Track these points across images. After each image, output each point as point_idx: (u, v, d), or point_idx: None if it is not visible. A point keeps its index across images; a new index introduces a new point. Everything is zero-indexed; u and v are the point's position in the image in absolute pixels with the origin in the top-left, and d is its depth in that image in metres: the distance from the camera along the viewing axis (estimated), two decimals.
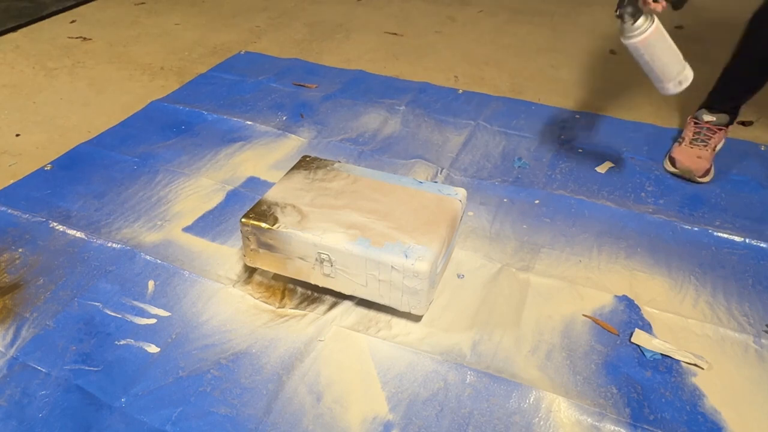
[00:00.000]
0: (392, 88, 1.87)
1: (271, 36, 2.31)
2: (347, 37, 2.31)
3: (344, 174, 1.16)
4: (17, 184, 1.40)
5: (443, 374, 0.96)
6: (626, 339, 1.03)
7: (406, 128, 1.65)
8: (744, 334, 1.03)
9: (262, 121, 1.67)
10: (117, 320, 1.05)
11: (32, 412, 0.90)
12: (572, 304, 1.10)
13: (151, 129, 1.63)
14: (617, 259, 1.20)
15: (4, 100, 1.82)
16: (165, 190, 1.39)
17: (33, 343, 1.00)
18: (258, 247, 1.06)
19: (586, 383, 0.95)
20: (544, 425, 0.89)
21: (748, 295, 1.12)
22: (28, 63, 2.05)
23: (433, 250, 0.98)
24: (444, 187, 1.13)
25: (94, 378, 0.95)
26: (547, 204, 1.35)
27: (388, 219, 1.04)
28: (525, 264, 1.18)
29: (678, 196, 1.38)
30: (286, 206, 1.07)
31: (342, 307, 1.08)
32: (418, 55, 2.15)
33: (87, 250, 1.20)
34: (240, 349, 1.00)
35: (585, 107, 1.76)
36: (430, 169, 1.47)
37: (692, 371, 0.97)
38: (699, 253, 1.22)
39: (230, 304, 1.08)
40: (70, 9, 2.53)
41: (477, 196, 1.37)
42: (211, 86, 1.87)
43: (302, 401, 0.92)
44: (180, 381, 0.94)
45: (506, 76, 1.96)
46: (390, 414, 0.90)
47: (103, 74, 1.98)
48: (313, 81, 1.92)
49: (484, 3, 2.64)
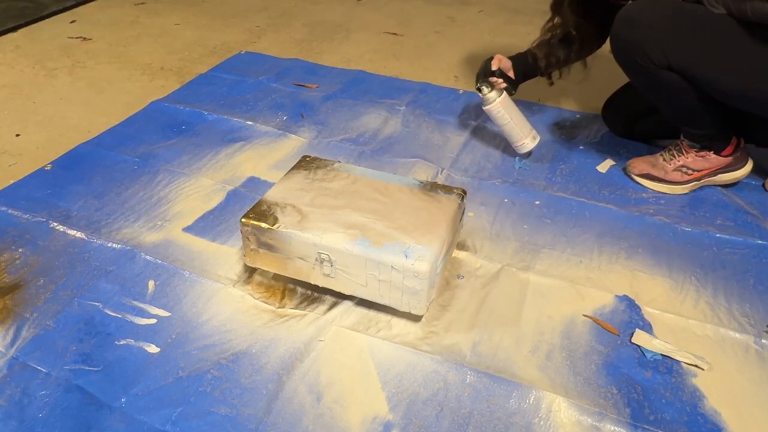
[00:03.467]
0: (392, 88, 1.87)
1: (271, 36, 2.31)
2: (347, 37, 2.31)
3: (344, 174, 1.16)
4: (17, 184, 1.40)
5: (443, 374, 0.96)
6: (627, 339, 1.03)
7: (406, 128, 1.65)
8: (745, 334, 1.03)
9: (262, 121, 1.67)
10: (117, 320, 1.05)
11: (32, 412, 0.90)
12: (573, 304, 1.09)
13: (152, 129, 1.63)
14: (618, 259, 1.20)
15: (4, 100, 1.82)
16: (165, 190, 1.39)
17: (33, 343, 1.00)
18: (258, 247, 1.06)
19: (587, 383, 0.95)
20: (544, 425, 0.89)
21: (749, 296, 1.11)
22: (28, 63, 2.05)
23: (433, 250, 0.98)
24: (444, 188, 1.13)
25: (94, 378, 0.95)
26: (547, 205, 1.35)
27: (388, 219, 1.04)
28: (525, 264, 1.18)
29: (679, 197, 1.38)
30: (286, 206, 1.07)
31: (342, 307, 1.08)
32: (418, 55, 2.15)
33: (87, 250, 1.20)
34: (240, 349, 1.00)
35: (585, 107, 1.76)
36: (430, 170, 1.47)
37: (693, 372, 0.97)
38: (700, 253, 1.22)
39: (230, 305, 1.08)
40: (70, 9, 2.53)
41: (477, 197, 1.37)
42: (211, 86, 1.87)
43: (302, 401, 0.92)
44: (180, 381, 0.94)
45: None
46: (390, 414, 0.90)
47: (103, 74, 1.98)
48: (314, 81, 1.91)
49: (484, 3, 2.64)
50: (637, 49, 1.19)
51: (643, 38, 1.18)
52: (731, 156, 1.34)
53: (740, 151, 1.35)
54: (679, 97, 1.24)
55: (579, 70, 1.50)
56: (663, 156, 1.39)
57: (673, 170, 1.36)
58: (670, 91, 1.23)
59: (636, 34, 1.18)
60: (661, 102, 1.31)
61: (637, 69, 1.23)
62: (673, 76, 1.19)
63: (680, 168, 1.36)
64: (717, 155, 1.33)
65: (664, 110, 1.34)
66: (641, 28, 1.18)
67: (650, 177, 1.40)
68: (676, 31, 1.17)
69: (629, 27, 1.20)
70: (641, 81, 1.28)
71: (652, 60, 1.18)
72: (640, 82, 1.29)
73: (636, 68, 1.23)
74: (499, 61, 1.47)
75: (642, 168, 1.41)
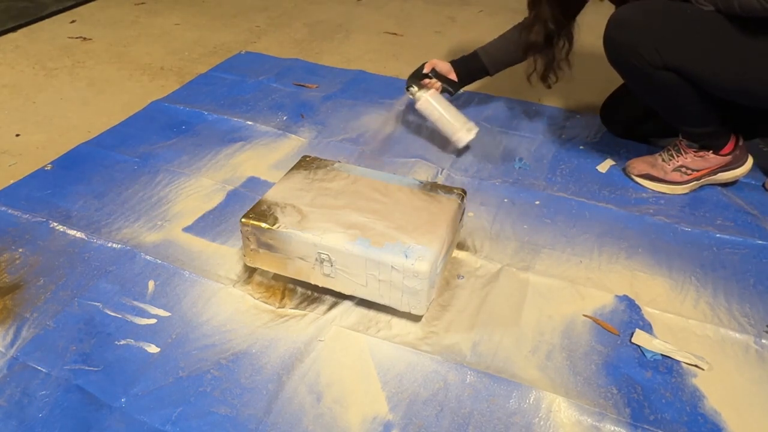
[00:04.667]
0: (392, 88, 1.86)
1: (271, 36, 2.31)
2: (347, 37, 2.31)
3: (344, 174, 1.16)
4: (17, 184, 1.40)
5: (443, 374, 0.96)
6: (627, 339, 1.03)
7: (406, 128, 1.65)
8: (745, 334, 1.03)
9: (262, 121, 1.67)
10: (117, 320, 1.05)
11: (32, 412, 0.90)
12: (573, 304, 1.09)
13: (152, 129, 1.63)
14: (618, 259, 1.20)
15: (4, 100, 1.82)
16: (165, 190, 1.39)
17: (33, 343, 1.00)
18: (258, 247, 1.06)
19: (587, 383, 0.95)
20: (544, 425, 0.89)
21: (749, 296, 1.11)
22: (28, 63, 2.05)
23: (433, 250, 0.98)
24: (444, 188, 1.13)
25: (94, 378, 0.95)
26: (547, 205, 1.35)
27: (388, 219, 1.04)
28: (525, 264, 1.18)
29: (678, 197, 1.38)
30: (286, 206, 1.07)
31: (342, 307, 1.08)
32: (418, 55, 2.14)
33: (87, 250, 1.20)
34: (240, 349, 1.00)
35: (585, 107, 1.76)
36: (430, 169, 1.47)
37: (693, 372, 0.97)
38: (700, 253, 1.22)
39: (230, 305, 1.08)
40: (70, 9, 2.53)
41: (477, 197, 1.37)
42: (211, 86, 1.87)
43: (302, 401, 0.92)
44: (180, 381, 0.94)
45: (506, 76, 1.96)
46: (390, 414, 0.90)
47: (103, 74, 1.98)
48: (314, 81, 1.91)
49: (484, 3, 2.64)
50: (632, 51, 1.19)
51: (636, 39, 1.18)
52: (730, 154, 1.34)
53: (739, 149, 1.35)
54: (676, 97, 1.24)
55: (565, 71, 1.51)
56: (662, 156, 1.39)
57: (673, 170, 1.36)
58: (667, 91, 1.23)
59: (629, 35, 1.19)
60: (659, 103, 1.31)
61: (633, 71, 1.23)
62: (669, 76, 1.19)
63: (679, 168, 1.36)
64: (716, 154, 1.33)
65: (661, 111, 1.34)
66: (634, 30, 1.18)
67: (650, 177, 1.40)
68: (669, 30, 1.17)
69: (622, 29, 1.20)
70: (637, 83, 1.28)
71: (648, 60, 1.17)
72: (636, 84, 1.30)
73: (631, 70, 1.23)
74: (432, 65, 1.53)
75: (642, 168, 1.41)
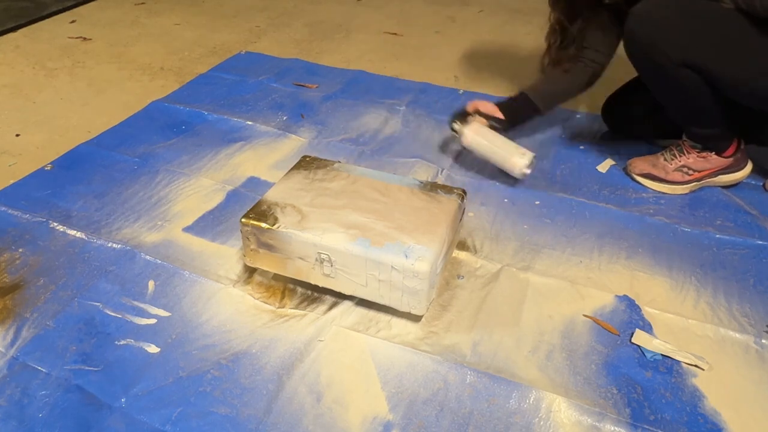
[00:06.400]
0: (392, 88, 1.87)
1: (271, 36, 2.31)
2: (347, 37, 2.31)
3: (344, 174, 1.16)
4: (17, 184, 1.40)
5: (443, 374, 0.96)
6: (627, 339, 1.03)
7: (406, 128, 1.65)
8: (745, 334, 1.03)
9: (262, 121, 1.67)
10: (117, 320, 1.05)
11: (32, 412, 0.90)
12: (573, 304, 1.09)
13: (152, 129, 1.63)
14: (618, 259, 1.20)
15: (4, 100, 1.82)
16: (165, 190, 1.39)
17: (33, 343, 1.00)
18: (258, 247, 1.06)
19: (587, 383, 0.95)
20: (544, 425, 0.89)
21: (749, 296, 1.11)
22: (28, 63, 2.05)
23: (433, 250, 0.98)
24: (444, 188, 1.13)
25: (94, 378, 0.95)
26: (547, 205, 1.35)
27: (388, 219, 1.04)
28: (525, 264, 1.18)
29: (679, 197, 1.38)
30: (286, 206, 1.07)
31: (342, 307, 1.08)
32: (418, 55, 2.15)
33: (87, 250, 1.20)
34: (240, 349, 1.00)
35: (585, 107, 1.76)
36: (430, 169, 1.47)
37: (693, 372, 0.97)
38: (700, 253, 1.22)
39: (230, 305, 1.08)
40: (70, 9, 2.53)
41: (477, 197, 1.37)
42: (211, 86, 1.87)
43: (302, 401, 0.92)
44: (180, 381, 0.94)
45: (506, 76, 1.96)
46: (390, 414, 0.90)
47: (103, 74, 1.98)
48: (314, 81, 1.91)
49: (484, 3, 2.64)
50: (652, 46, 1.18)
51: (659, 35, 1.17)
52: (732, 157, 1.34)
53: (740, 152, 1.35)
54: (691, 96, 1.23)
55: None
56: (664, 156, 1.39)
57: (674, 170, 1.36)
58: (684, 89, 1.22)
59: (651, 30, 1.17)
60: (673, 101, 1.30)
61: (653, 67, 1.22)
62: (687, 73, 1.18)
63: (681, 168, 1.36)
64: (718, 156, 1.33)
65: (673, 109, 1.33)
66: (656, 25, 1.17)
67: (651, 177, 1.40)
68: (692, 27, 1.16)
69: (644, 23, 1.18)
70: (654, 78, 1.27)
71: (670, 57, 1.16)
72: (652, 79, 1.28)
73: (652, 66, 1.22)
74: (475, 106, 1.46)
75: (643, 167, 1.41)
